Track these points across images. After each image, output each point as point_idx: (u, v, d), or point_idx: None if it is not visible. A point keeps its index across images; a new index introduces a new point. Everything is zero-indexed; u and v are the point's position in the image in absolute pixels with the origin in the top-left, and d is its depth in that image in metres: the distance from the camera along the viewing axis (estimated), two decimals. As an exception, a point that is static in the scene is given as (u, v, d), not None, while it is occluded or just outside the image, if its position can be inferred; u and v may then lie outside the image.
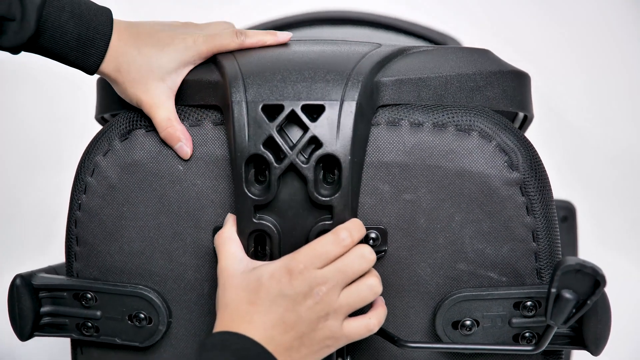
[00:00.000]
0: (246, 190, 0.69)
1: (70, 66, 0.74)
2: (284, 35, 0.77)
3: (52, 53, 0.73)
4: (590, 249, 1.43)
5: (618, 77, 1.77)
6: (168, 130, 0.73)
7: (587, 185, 1.69)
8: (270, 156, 0.68)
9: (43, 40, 0.71)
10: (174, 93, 0.75)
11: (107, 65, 0.73)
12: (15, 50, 0.72)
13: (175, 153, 0.74)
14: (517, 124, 0.89)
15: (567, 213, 1.12)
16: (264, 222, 0.70)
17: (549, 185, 0.74)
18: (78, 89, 1.60)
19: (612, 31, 1.77)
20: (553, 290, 0.65)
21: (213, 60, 0.75)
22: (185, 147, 0.73)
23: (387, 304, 0.73)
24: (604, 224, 1.62)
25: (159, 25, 0.76)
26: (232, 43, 0.75)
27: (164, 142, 0.74)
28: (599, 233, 1.58)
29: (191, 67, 0.75)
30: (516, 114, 0.86)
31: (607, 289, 0.69)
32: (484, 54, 0.79)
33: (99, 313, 0.76)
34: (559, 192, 0.85)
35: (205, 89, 0.74)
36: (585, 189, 1.65)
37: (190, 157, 0.73)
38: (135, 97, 0.74)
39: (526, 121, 0.88)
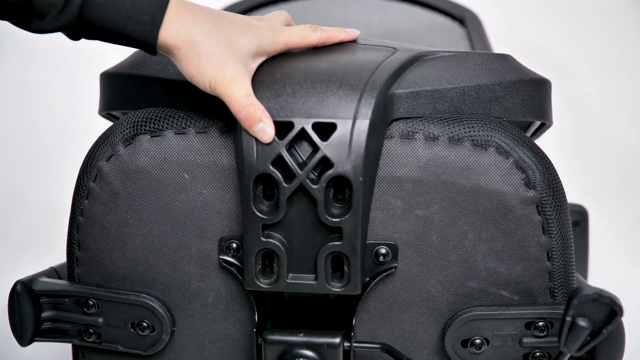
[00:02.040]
0: (254, 210, 0.67)
1: (126, 44, 0.65)
2: (354, 32, 0.76)
3: (104, 29, 0.63)
4: (599, 251, 1.41)
5: (622, 78, 1.75)
6: (249, 108, 0.64)
7: (596, 187, 1.67)
8: (279, 175, 0.66)
9: (93, 11, 0.62)
10: (250, 77, 0.67)
11: (176, 36, 0.64)
12: (71, 32, 0.64)
13: (254, 137, 0.65)
14: (533, 128, 0.86)
15: (580, 217, 1.10)
16: (272, 240, 0.68)
17: (566, 204, 0.72)
18: (81, 86, 1.57)
19: (613, 32, 1.75)
20: (568, 318, 0.64)
21: None
22: (268, 129, 0.65)
23: (395, 319, 0.72)
24: (614, 226, 1.60)
25: (225, 12, 0.70)
26: (312, 38, 0.72)
27: (169, 149, 0.71)
28: (609, 235, 1.56)
29: (265, 58, 0.69)
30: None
31: (617, 293, 0.67)
32: (504, 61, 0.76)
33: (100, 320, 0.75)
34: (569, 194, 0.82)
35: (214, 96, 0.71)
36: (595, 191, 1.63)
37: (199, 165, 0.70)
38: (210, 74, 0.64)
39: (543, 126, 0.86)
